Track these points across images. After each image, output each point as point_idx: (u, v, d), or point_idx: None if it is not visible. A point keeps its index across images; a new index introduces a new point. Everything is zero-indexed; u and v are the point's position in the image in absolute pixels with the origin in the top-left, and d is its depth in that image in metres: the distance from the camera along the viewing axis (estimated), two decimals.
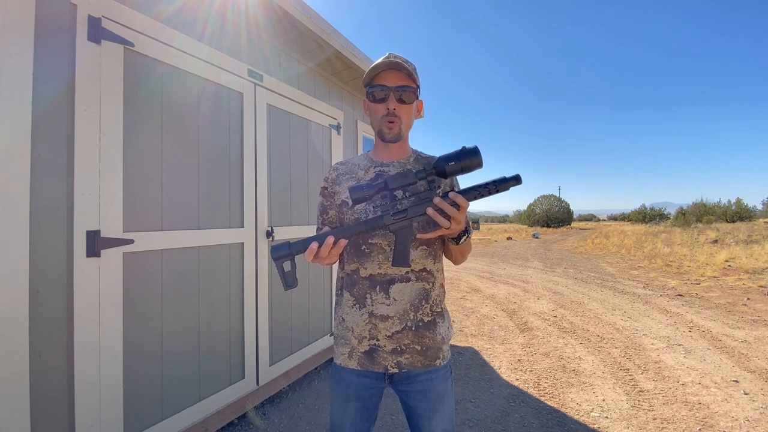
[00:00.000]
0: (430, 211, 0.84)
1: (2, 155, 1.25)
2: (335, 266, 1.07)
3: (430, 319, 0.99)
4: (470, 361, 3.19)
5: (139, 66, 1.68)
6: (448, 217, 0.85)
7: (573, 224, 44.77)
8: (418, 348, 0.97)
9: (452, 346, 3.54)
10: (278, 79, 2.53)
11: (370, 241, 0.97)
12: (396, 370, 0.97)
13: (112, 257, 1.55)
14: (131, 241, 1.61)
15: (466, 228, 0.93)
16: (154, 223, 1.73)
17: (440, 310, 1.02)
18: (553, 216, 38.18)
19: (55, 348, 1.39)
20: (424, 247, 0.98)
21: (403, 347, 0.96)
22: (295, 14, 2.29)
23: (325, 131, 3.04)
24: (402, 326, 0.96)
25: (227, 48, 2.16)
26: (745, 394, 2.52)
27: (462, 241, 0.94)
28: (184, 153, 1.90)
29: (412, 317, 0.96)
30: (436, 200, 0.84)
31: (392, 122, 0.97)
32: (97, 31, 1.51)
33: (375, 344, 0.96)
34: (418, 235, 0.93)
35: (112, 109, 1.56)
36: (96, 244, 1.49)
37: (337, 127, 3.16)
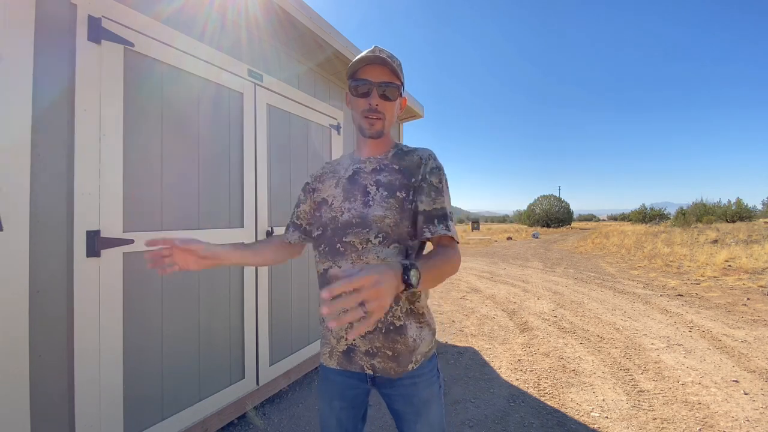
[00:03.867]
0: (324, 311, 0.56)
1: (2, 155, 1.25)
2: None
3: (400, 323, 0.93)
4: (470, 361, 3.19)
5: (139, 66, 1.68)
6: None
7: (573, 224, 44.76)
8: (390, 354, 0.93)
9: (452, 346, 3.54)
10: (278, 79, 2.53)
11: (344, 239, 0.93)
12: (371, 372, 0.95)
13: (112, 257, 1.55)
14: (131, 241, 1.61)
15: (405, 277, 0.67)
16: (154, 223, 1.73)
17: (410, 311, 0.94)
18: (553, 216, 38.17)
19: (55, 348, 1.39)
20: (397, 245, 0.91)
21: (375, 350, 0.93)
22: (295, 14, 2.29)
23: (325, 131, 3.04)
24: (373, 327, 0.92)
25: (227, 48, 2.16)
26: (745, 394, 2.52)
27: (414, 287, 0.68)
28: (184, 153, 1.90)
29: (381, 319, 0.92)
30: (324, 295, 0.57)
31: (374, 118, 0.94)
32: (97, 31, 1.51)
33: (351, 344, 0.96)
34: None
35: (112, 109, 1.56)
36: (96, 244, 1.49)
37: (337, 127, 3.16)
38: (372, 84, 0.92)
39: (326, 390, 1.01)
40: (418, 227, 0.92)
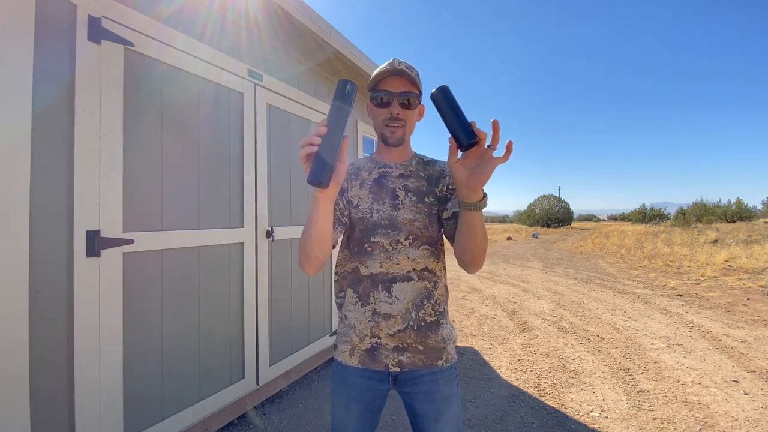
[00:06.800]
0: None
1: (2, 155, 1.25)
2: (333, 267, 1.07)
3: (433, 319, 0.98)
4: (470, 361, 3.19)
5: (139, 66, 1.68)
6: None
7: (573, 224, 44.77)
8: (421, 348, 0.97)
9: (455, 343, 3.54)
10: (278, 79, 2.53)
11: (372, 240, 0.97)
12: (397, 369, 0.96)
13: (112, 257, 1.55)
14: (131, 241, 1.61)
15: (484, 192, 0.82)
16: (154, 223, 1.73)
17: (443, 310, 1.02)
18: (553, 216, 38.18)
19: (55, 348, 1.39)
20: (427, 246, 0.98)
21: (405, 346, 0.96)
22: (295, 14, 2.29)
23: None
24: (404, 325, 0.95)
25: (227, 48, 2.16)
26: (745, 394, 2.52)
27: (484, 204, 0.82)
28: (184, 153, 1.90)
29: (414, 316, 0.96)
30: None
31: (395, 126, 0.98)
32: (97, 31, 1.51)
33: (376, 342, 0.96)
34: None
35: (112, 109, 1.56)
36: (96, 244, 1.49)
37: None
38: (392, 94, 0.96)
39: (344, 393, 1.00)
40: (452, 227, 0.97)
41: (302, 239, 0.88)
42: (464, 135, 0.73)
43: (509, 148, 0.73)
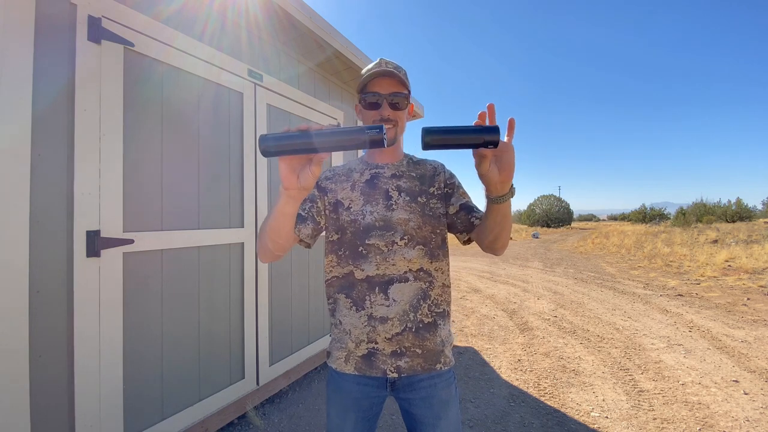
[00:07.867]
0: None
1: (2, 155, 1.25)
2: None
3: (430, 320, 0.96)
4: (470, 361, 3.19)
5: (139, 66, 1.68)
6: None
7: (573, 224, 44.79)
8: (419, 351, 0.95)
9: (452, 347, 3.54)
10: (278, 79, 2.53)
11: (367, 242, 0.95)
12: (395, 375, 0.94)
13: (112, 257, 1.55)
14: (131, 241, 1.61)
15: (512, 185, 0.78)
16: (154, 223, 1.73)
17: (441, 311, 1.00)
18: (553, 216, 38.17)
19: (55, 348, 1.39)
20: (421, 246, 0.97)
21: (403, 350, 0.94)
22: (295, 14, 2.29)
23: None
24: (402, 328, 0.94)
25: (227, 48, 2.16)
26: (745, 394, 2.52)
27: (512, 194, 0.79)
28: (184, 153, 1.90)
29: (411, 318, 0.94)
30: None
31: (387, 127, 0.96)
32: (97, 31, 1.51)
33: (373, 348, 0.94)
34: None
35: (112, 109, 1.56)
36: (96, 244, 1.49)
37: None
38: (381, 96, 0.95)
39: (340, 400, 0.98)
40: (464, 219, 0.99)
41: (260, 227, 0.91)
42: (491, 139, 0.66)
43: (511, 126, 0.75)
